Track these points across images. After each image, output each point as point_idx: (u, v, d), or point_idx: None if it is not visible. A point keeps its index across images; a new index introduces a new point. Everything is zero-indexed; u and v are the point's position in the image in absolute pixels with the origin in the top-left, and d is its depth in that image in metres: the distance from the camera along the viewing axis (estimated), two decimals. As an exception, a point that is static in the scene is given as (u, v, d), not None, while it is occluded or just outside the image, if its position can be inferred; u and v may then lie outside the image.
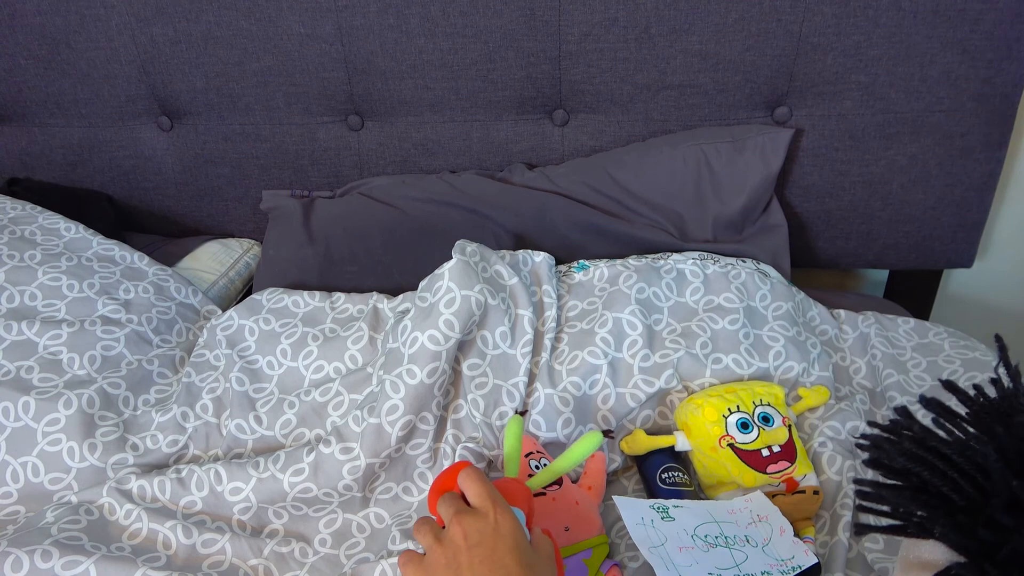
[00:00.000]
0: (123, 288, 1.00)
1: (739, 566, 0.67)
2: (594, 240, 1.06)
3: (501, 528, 0.53)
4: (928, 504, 0.37)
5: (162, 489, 0.78)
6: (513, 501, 0.58)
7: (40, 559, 0.67)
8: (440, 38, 1.06)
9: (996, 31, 0.98)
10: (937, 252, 1.15)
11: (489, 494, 0.56)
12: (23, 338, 0.89)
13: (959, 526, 0.36)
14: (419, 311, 0.83)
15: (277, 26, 1.09)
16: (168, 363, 0.95)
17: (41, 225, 1.06)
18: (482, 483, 0.57)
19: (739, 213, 1.05)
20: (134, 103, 1.19)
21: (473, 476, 0.57)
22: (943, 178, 1.09)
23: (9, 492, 0.80)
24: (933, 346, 0.95)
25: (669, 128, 1.10)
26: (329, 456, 0.78)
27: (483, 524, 0.54)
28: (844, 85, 1.04)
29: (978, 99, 1.03)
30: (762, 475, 0.75)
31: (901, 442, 0.40)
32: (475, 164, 1.17)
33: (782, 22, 1.00)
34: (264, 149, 1.20)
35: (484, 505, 0.55)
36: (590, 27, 1.03)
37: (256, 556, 0.74)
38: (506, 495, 0.58)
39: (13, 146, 1.26)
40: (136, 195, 1.28)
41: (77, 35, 1.13)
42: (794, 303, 0.95)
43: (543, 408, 0.81)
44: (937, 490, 0.37)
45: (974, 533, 0.35)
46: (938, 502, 0.37)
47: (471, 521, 0.54)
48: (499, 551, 0.52)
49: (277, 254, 1.11)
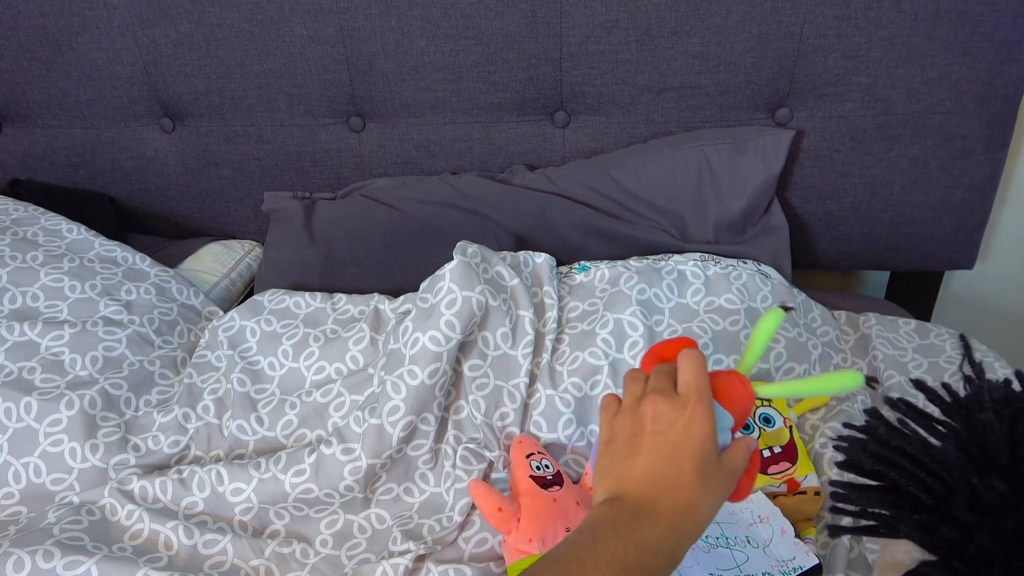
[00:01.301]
0: (125, 289, 1.00)
1: (740, 567, 0.67)
2: (595, 241, 1.06)
3: (692, 428, 0.50)
4: (896, 504, 0.38)
5: (163, 490, 0.78)
6: (727, 401, 0.53)
7: (42, 559, 0.67)
8: (441, 40, 1.07)
9: (997, 33, 0.98)
10: (938, 254, 1.15)
11: (697, 387, 0.51)
12: (25, 339, 0.89)
13: (925, 525, 0.36)
14: (420, 312, 0.83)
15: (279, 28, 1.09)
16: (170, 364, 0.96)
17: (43, 226, 1.06)
18: (696, 372, 0.52)
19: (740, 214, 1.05)
20: (136, 105, 1.20)
21: (692, 360, 0.53)
22: (944, 180, 1.09)
23: (11, 493, 0.80)
24: (934, 347, 0.95)
25: (670, 130, 1.10)
26: (330, 457, 0.78)
27: (676, 415, 0.50)
28: (845, 87, 1.04)
29: (979, 101, 1.03)
30: (763, 476, 0.75)
31: (868, 443, 0.40)
32: (476, 166, 1.17)
33: (783, 24, 1.00)
34: (266, 151, 1.20)
35: (687, 395, 0.51)
36: (591, 29, 1.03)
37: (257, 557, 0.74)
38: (723, 392, 0.53)
39: (15, 147, 1.26)
40: (138, 196, 1.28)
41: (79, 37, 1.14)
42: (795, 304, 0.95)
43: (544, 409, 0.81)
44: (905, 490, 0.37)
45: (938, 531, 0.35)
46: (905, 502, 0.37)
47: (665, 408, 0.51)
48: (680, 449, 0.49)
49: (278, 255, 1.11)
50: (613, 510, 0.49)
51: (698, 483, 0.49)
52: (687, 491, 0.49)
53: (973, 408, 0.38)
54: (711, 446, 0.50)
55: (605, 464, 0.53)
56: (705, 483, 0.49)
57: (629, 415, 0.53)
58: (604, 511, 0.49)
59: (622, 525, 0.48)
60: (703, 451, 0.49)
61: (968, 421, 0.37)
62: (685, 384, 0.52)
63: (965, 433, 0.36)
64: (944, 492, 0.36)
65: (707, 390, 0.52)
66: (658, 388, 0.52)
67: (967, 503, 0.34)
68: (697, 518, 0.49)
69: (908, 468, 0.37)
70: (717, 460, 0.51)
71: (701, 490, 0.49)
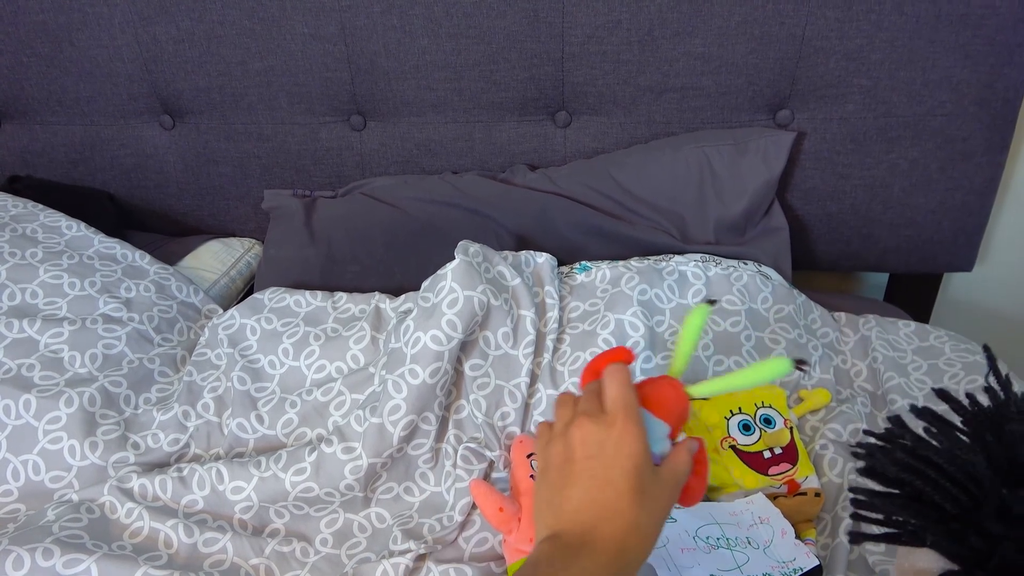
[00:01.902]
0: (124, 287, 1.00)
1: (741, 568, 0.67)
2: (596, 241, 1.06)
3: (623, 446, 0.48)
4: (921, 513, 0.38)
5: (163, 488, 0.78)
6: (659, 409, 0.52)
7: (41, 557, 0.67)
8: (443, 39, 1.07)
9: (997, 36, 0.99)
10: (937, 256, 1.16)
11: (623, 402, 0.50)
12: (24, 336, 0.89)
13: (951, 534, 0.36)
14: (422, 311, 0.83)
15: (280, 26, 1.09)
16: (169, 362, 0.95)
17: (42, 223, 1.06)
18: (620, 386, 0.51)
19: (741, 215, 1.05)
20: (136, 101, 1.19)
21: (614, 374, 0.52)
22: (944, 182, 1.09)
23: (10, 490, 0.80)
24: (934, 349, 0.95)
25: (671, 130, 1.10)
26: (331, 456, 0.78)
27: (604, 435, 0.49)
28: (846, 89, 1.04)
29: (979, 103, 1.03)
30: (764, 477, 0.75)
31: (894, 451, 0.40)
32: (477, 165, 1.17)
33: (785, 25, 1.00)
34: (266, 148, 1.20)
35: (614, 413, 0.50)
36: (593, 29, 1.03)
37: (257, 555, 0.74)
38: (654, 400, 0.52)
39: (15, 144, 1.26)
40: (138, 194, 1.28)
41: (80, 33, 1.13)
42: (795, 306, 0.96)
43: (545, 409, 0.81)
44: (930, 499, 0.37)
45: (965, 541, 0.35)
46: (931, 511, 0.37)
47: (593, 430, 0.49)
48: (613, 471, 0.48)
49: (279, 253, 1.11)
50: (552, 547, 0.47)
51: (637, 503, 0.47)
52: (626, 514, 0.47)
53: (1002, 419, 0.38)
54: (645, 461, 0.49)
55: (542, 496, 0.51)
56: (644, 501, 0.48)
57: (560, 442, 0.51)
58: (544, 549, 0.48)
59: (561, 563, 0.46)
60: (637, 468, 0.48)
61: (997, 432, 0.37)
62: (611, 401, 0.51)
63: (994, 444, 0.36)
64: (970, 502, 0.36)
65: (634, 403, 0.50)
66: (585, 410, 0.51)
67: (995, 513, 0.34)
68: (641, 539, 0.48)
69: (934, 477, 0.37)
70: (654, 473, 0.49)
71: (641, 510, 0.48)
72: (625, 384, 0.51)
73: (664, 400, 0.52)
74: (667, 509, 0.50)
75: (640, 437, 0.49)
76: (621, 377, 0.52)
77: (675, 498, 0.51)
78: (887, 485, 0.40)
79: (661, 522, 0.49)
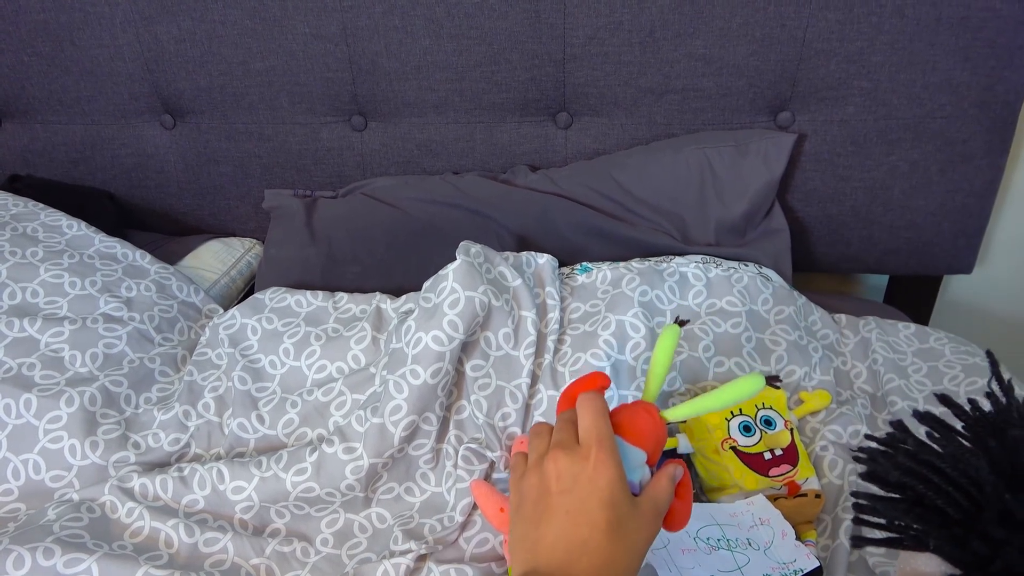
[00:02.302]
0: (125, 286, 1.00)
1: (741, 569, 0.67)
2: (597, 242, 1.07)
3: (598, 478, 0.47)
4: (923, 517, 0.38)
5: (164, 488, 0.78)
6: (635, 437, 0.50)
7: (42, 557, 0.67)
8: (445, 39, 1.07)
9: (998, 39, 0.99)
10: (937, 258, 1.16)
11: (597, 432, 0.48)
12: (25, 335, 0.89)
13: (954, 539, 0.36)
14: (423, 312, 0.83)
15: (282, 26, 1.09)
16: (170, 361, 0.95)
17: (43, 222, 1.06)
18: (595, 416, 0.49)
19: (742, 217, 1.05)
20: (137, 101, 1.19)
21: (588, 404, 0.50)
22: (944, 184, 1.09)
23: (10, 489, 0.80)
24: (934, 351, 0.95)
25: (672, 132, 1.11)
26: (332, 456, 0.78)
27: (579, 468, 0.47)
28: (847, 91, 1.04)
29: (980, 106, 1.03)
30: (764, 478, 0.75)
31: (896, 456, 0.40)
32: (478, 166, 1.17)
33: (786, 27, 1.01)
34: (267, 148, 1.20)
35: (588, 444, 0.48)
36: (595, 30, 1.04)
37: (258, 555, 0.74)
38: (628, 428, 0.50)
39: (15, 143, 1.26)
40: (138, 193, 1.28)
41: (81, 32, 1.13)
42: (796, 307, 0.96)
43: (546, 410, 0.81)
44: (932, 503, 0.37)
45: (968, 546, 0.35)
46: (933, 515, 0.37)
47: (567, 463, 0.48)
48: (589, 505, 0.46)
49: (279, 253, 1.11)
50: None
51: (614, 537, 0.46)
52: (603, 550, 0.46)
53: (1004, 424, 0.38)
54: (621, 492, 0.47)
55: (518, 532, 0.50)
56: (621, 534, 0.46)
57: (535, 475, 0.50)
58: None
59: None
60: (613, 500, 0.47)
61: (1000, 437, 0.37)
62: (585, 432, 0.49)
63: (997, 449, 0.37)
64: (972, 507, 0.36)
65: (608, 433, 0.49)
66: (559, 441, 0.50)
67: (997, 518, 0.34)
68: (620, 573, 0.46)
69: (936, 482, 0.37)
70: (632, 504, 0.48)
71: (618, 544, 0.46)
72: (599, 413, 0.50)
73: (640, 426, 0.51)
74: (648, 539, 0.48)
75: (615, 468, 0.48)
76: (595, 406, 0.50)
77: (657, 527, 0.49)
78: (889, 490, 0.40)
79: (641, 553, 0.48)
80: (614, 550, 0.46)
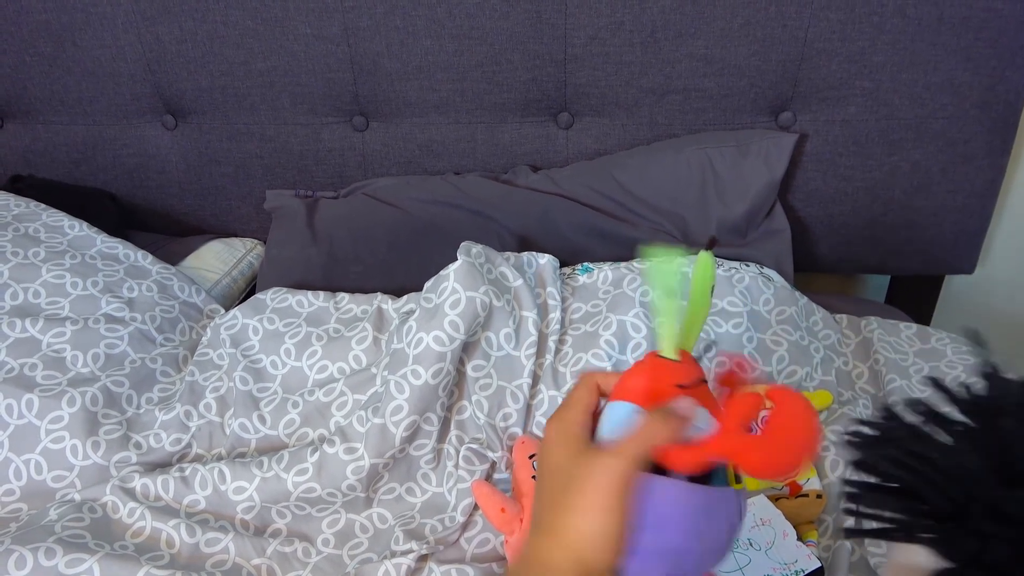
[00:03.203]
0: (127, 286, 1.00)
1: (742, 569, 0.67)
2: (598, 243, 1.07)
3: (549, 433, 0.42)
4: (913, 509, 0.37)
5: (165, 488, 0.78)
6: (620, 390, 0.43)
7: (44, 557, 0.67)
8: (446, 40, 1.07)
9: (1000, 39, 0.99)
10: (939, 258, 1.16)
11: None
12: (27, 335, 0.89)
13: (943, 531, 0.36)
14: (424, 312, 0.83)
15: (283, 26, 1.09)
16: (171, 362, 0.95)
17: (45, 223, 1.06)
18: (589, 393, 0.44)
19: (743, 217, 1.05)
20: (139, 101, 1.19)
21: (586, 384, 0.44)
22: (945, 184, 1.09)
23: (12, 490, 0.80)
24: (935, 351, 0.95)
25: (674, 132, 1.11)
26: (333, 456, 0.78)
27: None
28: (848, 91, 1.04)
29: (981, 106, 1.03)
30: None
31: (886, 446, 0.39)
32: (479, 166, 1.17)
33: (788, 27, 1.00)
34: (268, 149, 1.20)
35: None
36: (596, 30, 1.04)
37: (259, 556, 0.74)
38: (617, 386, 0.44)
39: (17, 143, 1.26)
40: (140, 193, 1.28)
41: (82, 33, 1.13)
42: (797, 308, 0.96)
43: (547, 410, 0.82)
44: (922, 495, 0.37)
45: (958, 539, 0.35)
46: (923, 507, 0.37)
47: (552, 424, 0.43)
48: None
49: (281, 254, 1.11)
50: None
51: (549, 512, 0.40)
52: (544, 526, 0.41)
53: (994, 411, 0.37)
54: (555, 458, 0.42)
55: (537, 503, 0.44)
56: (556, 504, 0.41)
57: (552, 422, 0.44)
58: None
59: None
60: (550, 465, 0.42)
61: (989, 425, 0.37)
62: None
63: (986, 438, 0.36)
64: (964, 499, 0.35)
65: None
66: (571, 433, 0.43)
67: (987, 512, 0.34)
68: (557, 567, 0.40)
69: (927, 473, 0.37)
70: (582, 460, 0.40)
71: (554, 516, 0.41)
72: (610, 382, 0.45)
73: (624, 377, 0.44)
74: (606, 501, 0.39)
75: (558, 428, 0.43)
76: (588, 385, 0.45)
77: (621, 481, 0.39)
78: (878, 479, 0.39)
79: (601, 519, 0.39)
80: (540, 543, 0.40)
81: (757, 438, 0.40)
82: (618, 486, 0.39)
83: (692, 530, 0.40)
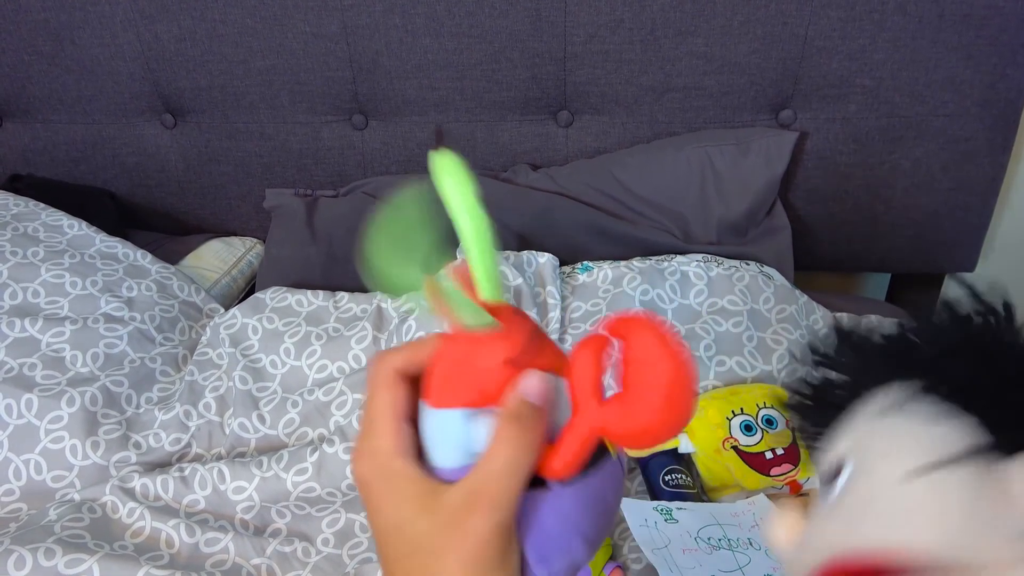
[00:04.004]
0: (126, 286, 1.00)
1: (742, 569, 0.67)
2: (598, 241, 1.06)
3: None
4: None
5: (165, 488, 0.78)
6: (429, 392, 0.32)
7: (43, 557, 0.67)
8: (445, 38, 1.06)
9: (1001, 37, 0.98)
10: (940, 256, 1.16)
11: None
12: (26, 335, 0.89)
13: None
14: (424, 311, 0.83)
15: (282, 24, 1.09)
16: (171, 361, 0.95)
17: (44, 222, 1.06)
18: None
19: (743, 215, 1.05)
20: (138, 100, 1.19)
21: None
22: (946, 182, 1.09)
23: (11, 490, 0.80)
24: (936, 350, 0.95)
25: (674, 130, 1.10)
26: (333, 455, 0.78)
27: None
28: (849, 89, 1.04)
29: (982, 104, 1.03)
30: (765, 478, 0.75)
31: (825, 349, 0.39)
32: (479, 164, 1.17)
33: (788, 25, 1.00)
34: (268, 148, 1.20)
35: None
36: (596, 28, 1.03)
37: (259, 555, 0.74)
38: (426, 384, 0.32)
39: (16, 142, 1.26)
40: (139, 192, 1.28)
41: (81, 31, 1.13)
42: (797, 306, 0.95)
43: (547, 409, 0.81)
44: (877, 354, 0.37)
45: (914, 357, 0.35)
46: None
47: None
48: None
49: (280, 253, 1.11)
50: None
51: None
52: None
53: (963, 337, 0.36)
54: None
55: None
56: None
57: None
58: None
59: None
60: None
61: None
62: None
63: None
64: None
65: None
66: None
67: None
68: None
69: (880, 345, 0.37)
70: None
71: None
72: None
73: (430, 371, 0.32)
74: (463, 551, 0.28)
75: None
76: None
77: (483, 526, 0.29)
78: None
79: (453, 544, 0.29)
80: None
81: (614, 405, 0.30)
82: (493, 550, 0.29)
83: (586, 528, 0.32)
